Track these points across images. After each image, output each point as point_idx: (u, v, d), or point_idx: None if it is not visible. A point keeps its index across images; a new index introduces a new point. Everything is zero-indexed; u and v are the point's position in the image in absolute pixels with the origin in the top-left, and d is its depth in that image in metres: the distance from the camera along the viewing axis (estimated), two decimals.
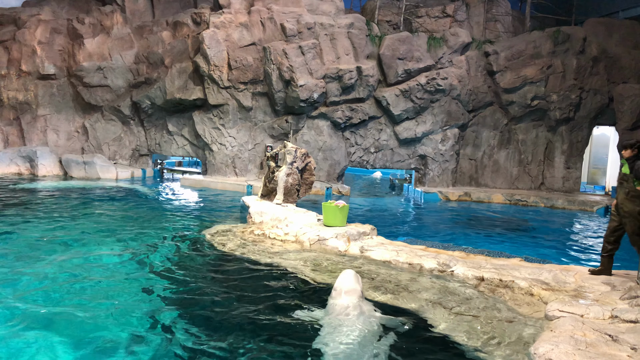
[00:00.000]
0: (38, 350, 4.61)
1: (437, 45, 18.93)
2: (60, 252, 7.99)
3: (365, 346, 4.82)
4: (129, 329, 5.16)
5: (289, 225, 9.53)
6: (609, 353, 4.21)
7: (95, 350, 4.68)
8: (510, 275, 6.79)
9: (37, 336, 4.87)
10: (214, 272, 7.33)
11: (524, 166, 19.90)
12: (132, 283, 6.68)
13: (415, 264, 7.56)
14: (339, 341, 4.87)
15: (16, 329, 4.99)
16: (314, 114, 18.29)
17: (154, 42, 19.93)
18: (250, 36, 18.47)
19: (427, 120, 18.82)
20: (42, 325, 5.12)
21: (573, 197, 17.75)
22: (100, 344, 4.80)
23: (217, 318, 5.57)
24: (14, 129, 20.39)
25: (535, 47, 19.12)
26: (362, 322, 5.27)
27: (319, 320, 5.41)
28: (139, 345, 4.83)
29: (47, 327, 5.09)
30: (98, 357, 4.56)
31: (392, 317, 5.55)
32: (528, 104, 19.14)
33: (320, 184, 17.30)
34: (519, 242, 11.42)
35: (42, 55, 19.86)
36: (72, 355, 4.56)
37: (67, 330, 5.05)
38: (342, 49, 18.21)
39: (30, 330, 5.00)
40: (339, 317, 5.38)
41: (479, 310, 5.80)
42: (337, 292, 5.76)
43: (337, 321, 5.30)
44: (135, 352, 4.68)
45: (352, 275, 5.94)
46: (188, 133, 19.67)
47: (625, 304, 5.58)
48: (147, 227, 10.40)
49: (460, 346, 4.97)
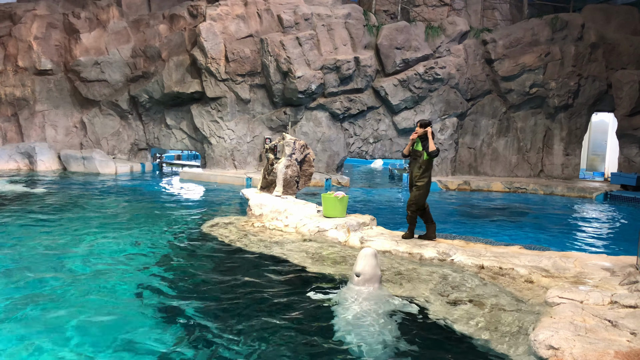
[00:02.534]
0: (36, 343, 4.63)
1: (435, 34, 18.87)
2: (56, 246, 8.01)
3: (383, 335, 4.90)
4: (127, 321, 5.19)
5: (288, 217, 9.55)
6: (609, 338, 4.24)
7: (94, 343, 4.71)
8: (510, 263, 6.82)
9: (35, 329, 4.90)
10: (215, 265, 7.36)
11: (523, 154, 19.90)
12: (132, 276, 6.71)
13: (415, 253, 7.59)
14: (360, 332, 4.94)
15: (14, 322, 5.02)
16: (312, 105, 18.26)
17: (151, 36, 19.85)
18: (247, 28, 18.40)
19: (426, 109, 18.79)
20: (40, 319, 5.14)
21: (572, 184, 17.77)
22: (100, 336, 4.83)
23: (220, 309, 5.59)
24: (12, 125, 20.35)
25: (533, 35, 19.06)
26: (381, 313, 5.34)
27: (334, 308, 5.48)
28: (139, 337, 4.85)
29: (41, 320, 5.12)
30: (97, 350, 4.59)
31: (407, 302, 5.66)
32: (526, 92, 19.11)
33: (320, 175, 17.31)
34: (518, 230, 11.45)
35: (38, 51, 19.78)
36: (68, 347, 4.59)
37: (65, 322, 5.07)
38: (339, 40, 18.14)
39: (29, 321, 5.02)
40: (359, 304, 5.46)
41: (479, 298, 5.83)
42: (359, 278, 5.76)
43: (357, 309, 5.37)
44: (135, 346, 4.71)
45: (373, 256, 5.83)
46: (186, 126, 19.64)
47: (624, 290, 5.61)
48: (147, 220, 10.42)
49: (460, 333, 5.01)
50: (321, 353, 4.59)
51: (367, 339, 4.76)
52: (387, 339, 4.77)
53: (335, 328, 5.03)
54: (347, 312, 5.29)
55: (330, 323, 5.16)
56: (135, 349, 4.62)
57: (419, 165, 7.92)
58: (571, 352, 3.97)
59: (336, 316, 5.27)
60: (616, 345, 4.08)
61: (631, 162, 18.30)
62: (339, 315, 5.26)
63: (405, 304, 5.64)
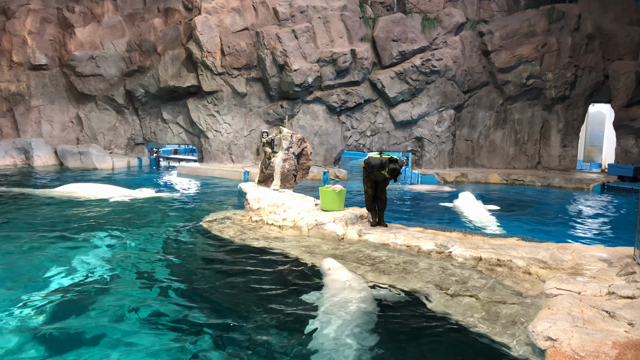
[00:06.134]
0: (38, 337, 4.63)
1: (431, 26, 18.80)
2: (51, 244, 7.99)
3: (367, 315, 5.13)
4: (126, 317, 5.18)
5: (286, 211, 9.54)
6: (607, 329, 4.26)
7: (93, 338, 4.71)
8: (507, 255, 6.84)
9: (39, 326, 4.89)
10: (213, 259, 7.35)
11: (520, 146, 19.90)
12: (130, 271, 6.70)
13: (413, 245, 7.59)
14: (341, 313, 5.14)
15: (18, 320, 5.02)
16: (309, 99, 18.21)
17: (146, 30, 19.74)
18: (242, 21, 18.30)
19: (423, 102, 18.76)
20: (39, 314, 5.14)
21: (569, 176, 17.79)
22: (99, 331, 4.83)
23: (218, 304, 5.60)
24: (8, 121, 20.26)
25: (530, 26, 19.01)
26: (364, 293, 5.65)
27: (321, 298, 5.53)
28: (138, 333, 4.85)
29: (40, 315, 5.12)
30: (97, 345, 4.59)
31: (384, 289, 5.92)
32: (523, 83, 19.08)
33: (317, 168, 17.29)
34: (515, 222, 11.47)
35: (32, 46, 19.67)
36: (69, 344, 4.59)
37: (64, 318, 5.07)
38: (335, 32, 18.07)
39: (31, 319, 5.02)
40: (342, 289, 5.78)
41: (478, 290, 5.85)
42: (330, 270, 6.33)
43: (340, 291, 5.71)
44: (134, 341, 4.71)
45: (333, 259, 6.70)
46: (183, 121, 19.59)
47: (622, 280, 5.63)
48: (144, 216, 10.40)
49: (459, 325, 5.02)
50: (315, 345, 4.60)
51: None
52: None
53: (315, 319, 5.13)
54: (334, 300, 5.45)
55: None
56: (130, 343, 4.62)
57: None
58: (569, 343, 3.98)
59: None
60: (614, 335, 4.10)
61: (628, 153, 18.33)
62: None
63: (397, 294, 5.66)
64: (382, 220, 8.78)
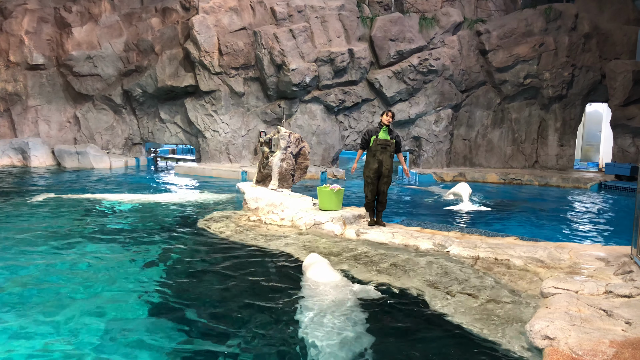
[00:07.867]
0: (36, 333, 4.63)
1: (428, 26, 18.82)
2: (48, 245, 7.97)
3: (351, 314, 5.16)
4: (122, 317, 5.18)
5: (284, 211, 9.54)
6: (604, 328, 4.27)
7: (91, 337, 4.70)
8: (505, 254, 6.85)
9: (35, 320, 4.89)
10: (211, 259, 7.35)
11: (518, 145, 19.94)
12: (127, 271, 6.69)
13: (411, 245, 7.60)
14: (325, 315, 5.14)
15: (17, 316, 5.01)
16: (307, 98, 18.21)
17: (143, 29, 19.71)
18: (240, 21, 18.29)
19: (420, 101, 18.79)
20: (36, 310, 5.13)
21: (567, 175, 17.83)
22: (96, 330, 4.82)
23: (215, 304, 5.59)
24: (5, 121, 20.22)
25: (527, 25, 19.05)
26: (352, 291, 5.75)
27: (310, 297, 5.61)
28: (134, 332, 4.85)
29: (33, 310, 5.11)
30: (95, 343, 4.58)
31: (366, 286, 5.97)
32: (521, 83, 19.12)
33: (315, 168, 17.29)
34: (513, 221, 11.49)
35: (30, 45, 19.63)
36: (65, 341, 4.58)
37: (58, 316, 5.07)
38: (333, 32, 18.08)
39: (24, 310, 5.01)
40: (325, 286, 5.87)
41: (475, 289, 5.86)
42: (313, 265, 6.32)
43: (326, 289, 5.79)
44: (131, 338, 4.70)
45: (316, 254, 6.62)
46: (181, 120, 19.57)
47: (619, 279, 5.64)
48: (142, 215, 10.38)
49: (456, 324, 5.02)
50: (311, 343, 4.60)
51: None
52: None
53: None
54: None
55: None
56: (128, 344, 4.61)
57: (389, 154, 8.32)
58: (567, 342, 3.99)
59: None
60: (611, 334, 4.11)
61: (625, 152, 18.38)
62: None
63: (394, 293, 5.67)
64: (380, 220, 8.79)
